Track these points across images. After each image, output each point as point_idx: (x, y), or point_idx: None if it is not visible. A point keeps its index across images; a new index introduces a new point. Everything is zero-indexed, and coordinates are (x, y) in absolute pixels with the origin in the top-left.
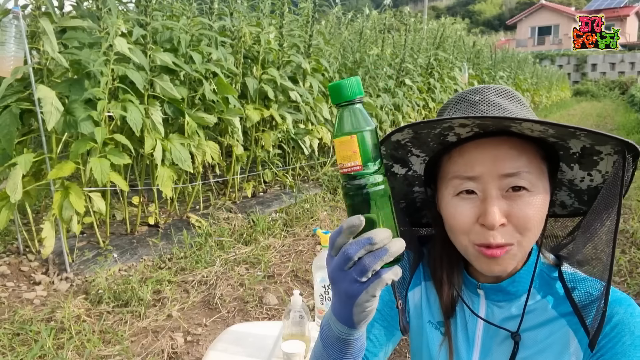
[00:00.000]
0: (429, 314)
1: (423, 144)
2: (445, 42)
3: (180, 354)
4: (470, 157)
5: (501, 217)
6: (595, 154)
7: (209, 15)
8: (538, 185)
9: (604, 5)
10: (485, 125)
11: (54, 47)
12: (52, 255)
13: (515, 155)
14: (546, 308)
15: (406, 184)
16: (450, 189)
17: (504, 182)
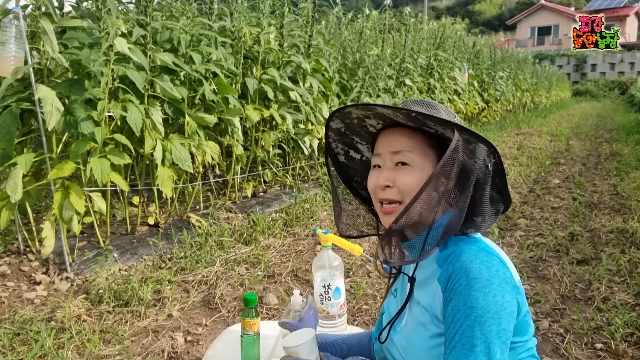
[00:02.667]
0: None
1: (357, 132)
2: (445, 43)
3: (180, 354)
4: (379, 142)
5: (386, 180)
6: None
7: (209, 15)
8: (419, 164)
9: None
10: (384, 118)
11: (54, 47)
12: (53, 255)
13: (403, 140)
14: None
15: (364, 168)
16: (371, 163)
17: (393, 157)
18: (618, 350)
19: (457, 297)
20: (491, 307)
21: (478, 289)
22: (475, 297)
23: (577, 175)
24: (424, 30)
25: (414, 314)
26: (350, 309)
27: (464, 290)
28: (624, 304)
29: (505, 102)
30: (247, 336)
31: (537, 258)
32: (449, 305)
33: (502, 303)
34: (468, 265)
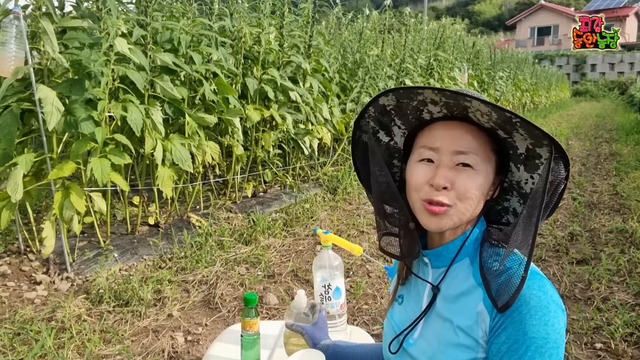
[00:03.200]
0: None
1: (403, 115)
2: (445, 43)
3: (180, 354)
4: (436, 133)
5: (446, 182)
6: (537, 157)
7: (209, 15)
8: (482, 168)
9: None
10: (450, 106)
11: (55, 48)
12: (53, 255)
13: (469, 139)
14: (468, 275)
15: (387, 154)
16: (416, 155)
17: (455, 157)
18: (618, 350)
19: (515, 326)
20: (551, 337)
21: (538, 317)
22: (536, 327)
23: (577, 175)
24: (424, 30)
25: (436, 329)
26: (350, 308)
27: (523, 319)
28: (623, 304)
29: (505, 102)
30: (247, 336)
31: (536, 258)
32: (503, 333)
33: (559, 330)
34: (525, 291)
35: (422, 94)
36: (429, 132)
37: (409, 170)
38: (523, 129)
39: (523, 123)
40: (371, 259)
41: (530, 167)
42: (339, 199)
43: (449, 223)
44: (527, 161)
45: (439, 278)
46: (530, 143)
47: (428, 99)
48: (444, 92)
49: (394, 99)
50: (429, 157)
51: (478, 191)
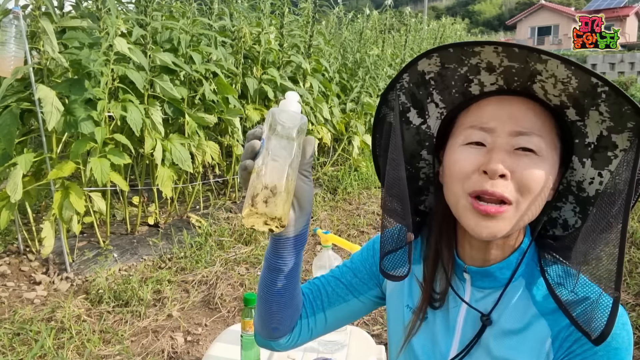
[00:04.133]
0: (409, 297)
1: (445, 89)
2: (445, 42)
3: (180, 354)
4: (488, 110)
5: (504, 168)
6: (610, 148)
7: (208, 15)
8: (547, 154)
9: (603, 6)
10: (510, 76)
11: (54, 47)
12: (53, 255)
13: (532, 117)
14: (528, 303)
15: (416, 142)
16: (461, 137)
17: (515, 139)
18: None
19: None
20: None
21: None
22: None
23: None
24: (424, 30)
25: None
26: None
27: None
28: (623, 304)
29: None
30: (247, 336)
31: None
32: None
33: None
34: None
35: (479, 55)
36: (477, 109)
37: (451, 156)
38: (607, 104)
39: (612, 92)
40: None
41: (599, 162)
42: (339, 199)
43: (505, 228)
44: (596, 153)
45: (485, 303)
46: (607, 127)
47: (484, 63)
48: (510, 50)
49: (438, 63)
50: (478, 140)
51: (543, 183)
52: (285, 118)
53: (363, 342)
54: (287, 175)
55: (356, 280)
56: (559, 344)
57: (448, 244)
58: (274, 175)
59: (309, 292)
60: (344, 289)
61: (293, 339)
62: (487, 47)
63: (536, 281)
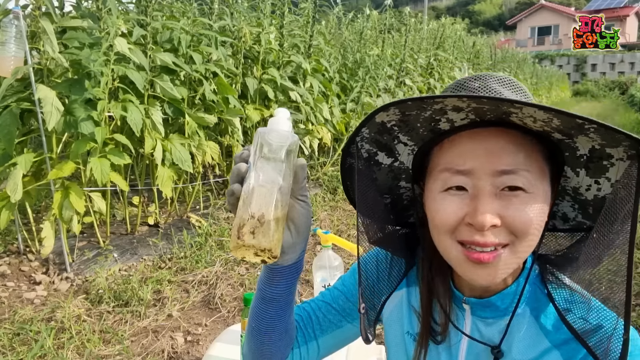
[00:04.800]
0: (409, 324)
1: (411, 129)
2: (445, 42)
3: (180, 354)
4: (463, 149)
5: (493, 217)
6: (605, 158)
7: (209, 15)
8: (537, 187)
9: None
10: (481, 111)
11: (54, 47)
12: (53, 255)
13: (513, 151)
14: (538, 332)
15: (391, 177)
16: (439, 182)
17: (498, 179)
18: None
19: None
20: None
21: None
22: None
23: None
24: (424, 30)
25: None
26: None
27: None
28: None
29: None
30: None
31: None
32: None
33: None
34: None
35: (443, 102)
36: (450, 147)
37: (431, 204)
38: (597, 134)
39: (601, 129)
40: None
41: (594, 171)
42: (339, 199)
43: (505, 273)
44: (590, 163)
45: (489, 333)
46: (599, 144)
47: (449, 106)
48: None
49: (398, 113)
50: (458, 184)
51: (539, 222)
52: (274, 138)
53: (363, 342)
54: (275, 201)
55: (349, 304)
56: None
57: (442, 278)
58: (261, 203)
59: (299, 319)
60: (336, 315)
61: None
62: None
63: (543, 308)
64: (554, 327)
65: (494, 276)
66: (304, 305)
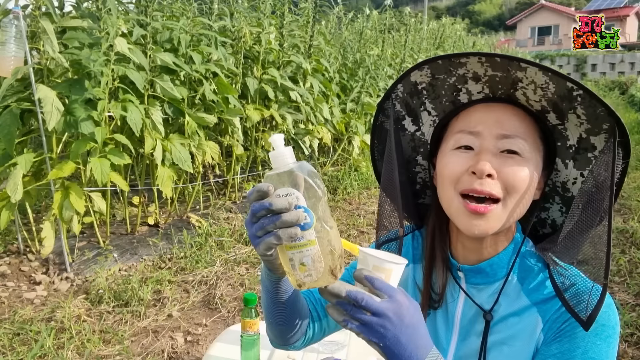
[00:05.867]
0: (413, 295)
1: (437, 97)
2: (445, 42)
3: (180, 354)
4: (476, 116)
5: (491, 169)
6: (589, 150)
7: (209, 15)
8: (531, 156)
9: (604, 6)
10: (494, 83)
11: (55, 47)
12: (53, 255)
13: (516, 122)
14: (519, 294)
15: (411, 148)
16: (451, 142)
17: (500, 142)
18: (618, 350)
19: (574, 341)
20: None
21: (604, 338)
22: (599, 348)
23: None
24: (424, 30)
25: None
26: None
27: (587, 335)
28: (624, 304)
29: None
30: (247, 336)
31: None
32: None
33: (615, 355)
34: None
35: (465, 66)
36: (466, 116)
37: (442, 160)
38: (583, 107)
39: (586, 95)
40: None
41: (580, 163)
42: (339, 199)
43: (496, 226)
44: (577, 155)
45: (480, 297)
46: (586, 130)
47: (470, 73)
48: (492, 60)
49: (429, 74)
50: (467, 144)
51: (528, 183)
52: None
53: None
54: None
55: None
56: (548, 327)
57: (442, 244)
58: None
59: (319, 295)
60: None
61: (307, 340)
62: (472, 58)
63: (527, 275)
64: (534, 290)
65: (487, 227)
66: None
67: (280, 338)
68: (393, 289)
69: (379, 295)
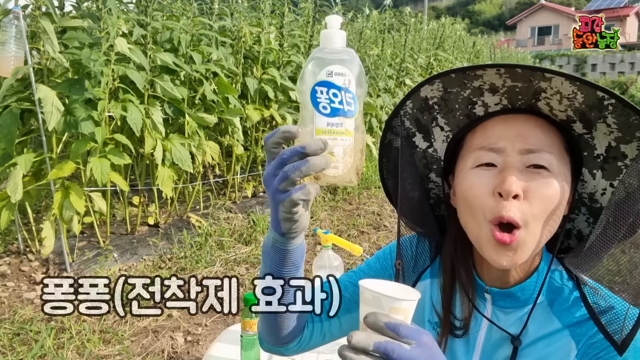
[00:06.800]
0: (430, 312)
1: (450, 111)
2: (445, 42)
3: (180, 354)
4: (495, 131)
5: (518, 187)
6: (619, 158)
7: (209, 15)
8: (559, 170)
9: (604, 5)
10: (514, 94)
11: (55, 47)
12: (53, 255)
13: (540, 134)
14: (549, 316)
15: (423, 164)
16: (470, 160)
17: (525, 157)
18: None
19: None
20: None
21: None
22: None
23: None
24: (424, 30)
25: None
26: None
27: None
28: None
29: None
30: (247, 336)
31: None
32: None
33: None
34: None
35: (481, 78)
36: (484, 130)
37: (463, 182)
38: (615, 116)
39: (619, 104)
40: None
41: (610, 172)
42: (339, 199)
43: (525, 255)
44: (605, 164)
45: (507, 321)
46: (616, 138)
47: (486, 85)
48: (513, 71)
49: (441, 88)
50: (489, 161)
51: (559, 199)
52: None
53: None
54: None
55: None
56: (583, 351)
57: (466, 266)
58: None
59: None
60: None
61: (303, 343)
62: (489, 70)
63: (557, 296)
64: (565, 311)
65: (517, 259)
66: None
67: (274, 334)
68: (419, 332)
69: (407, 342)
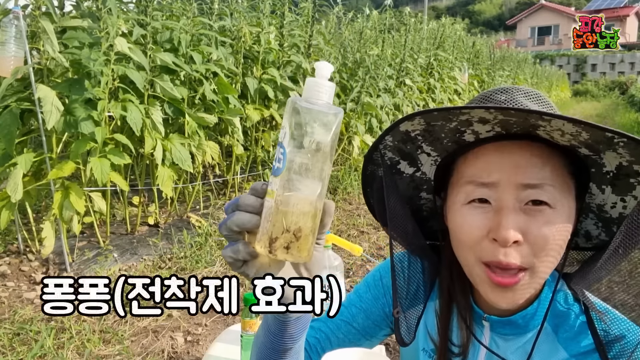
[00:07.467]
0: (424, 341)
1: (436, 140)
2: (445, 42)
3: (180, 354)
4: (488, 161)
5: (516, 233)
6: (632, 175)
7: (209, 15)
8: (562, 203)
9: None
10: (508, 124)
11: (55, 47)
12: (53, 255)
13: (539, 164)
14: (554, 345)
15: (412, 187)
16: (462, 195)
17: (523, 193)
18: None
19: None
20: None
21: None
22: None
23: None
24: (424, 30)
25: None
26: None
27: None
28: (624, 304)
29: None
30: (247, 336)
31: None
32: None
33: None
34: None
35: (469, 113)
36: (475, 159)
37: (453, 218)
38: (627, 150)
39: (631, 144)
40: (371, 259)
41: (621, 188)
42: (339, 199)
43: (525, 296)
44: (616, 180)
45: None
46: (627, 161)
47: (475, 118)
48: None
49: (423, 123)
50: (481, 197)
51: (562, 240)
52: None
53: None
54: (315, 211)
55: (369, 322)
56: None
57: (463, 290)
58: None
59: (316, 342)
60: (356, 334)
61: None
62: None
63: (562, 322)
64: (571, 339)
65: (515, 300)
66: (319, 326)
67: None
68: None
69: None
